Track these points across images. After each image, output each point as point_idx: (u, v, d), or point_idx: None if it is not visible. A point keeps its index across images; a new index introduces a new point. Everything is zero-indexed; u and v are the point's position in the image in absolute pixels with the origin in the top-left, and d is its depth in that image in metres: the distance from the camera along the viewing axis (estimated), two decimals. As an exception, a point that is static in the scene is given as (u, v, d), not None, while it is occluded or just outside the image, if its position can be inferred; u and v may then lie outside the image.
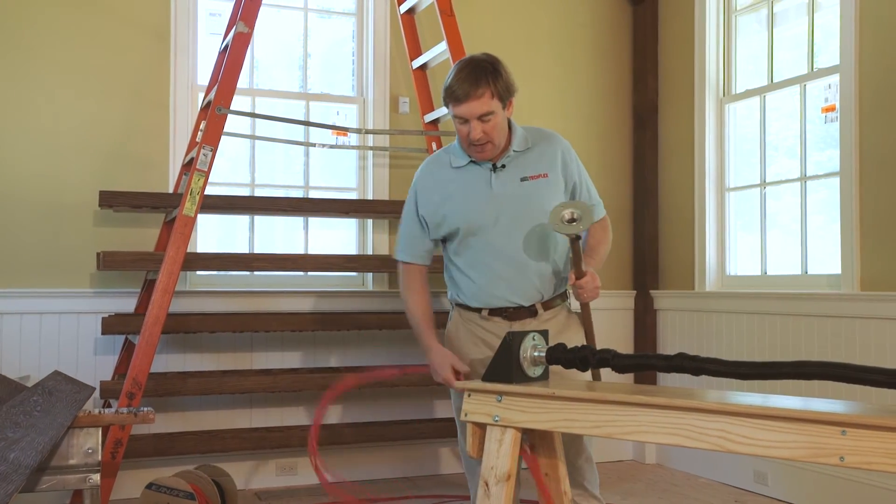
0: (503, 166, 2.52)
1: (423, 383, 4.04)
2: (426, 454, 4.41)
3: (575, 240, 2.36)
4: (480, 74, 2.40)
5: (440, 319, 4.03)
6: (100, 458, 2.24)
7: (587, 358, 1.93)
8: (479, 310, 2.56)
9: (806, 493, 3.83)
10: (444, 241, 2.63)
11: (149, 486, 3.17)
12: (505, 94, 2.43)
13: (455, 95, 2.41)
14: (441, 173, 2.60)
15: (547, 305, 2.55)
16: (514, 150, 2.52)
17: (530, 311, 2.52)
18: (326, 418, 4.26)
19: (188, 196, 3.47)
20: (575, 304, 2.64)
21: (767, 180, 4.30)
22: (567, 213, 2.30)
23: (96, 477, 2.21)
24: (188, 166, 3.86)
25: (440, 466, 4.46)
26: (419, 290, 2.65)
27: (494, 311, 2.54)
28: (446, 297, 2.76)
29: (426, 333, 2.59)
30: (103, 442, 3.25)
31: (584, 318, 2.60)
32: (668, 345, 4.72)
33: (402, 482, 4.31)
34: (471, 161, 2.54)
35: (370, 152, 4.45)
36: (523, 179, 2.51)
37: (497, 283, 2.52)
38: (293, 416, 4.22)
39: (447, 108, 2.48)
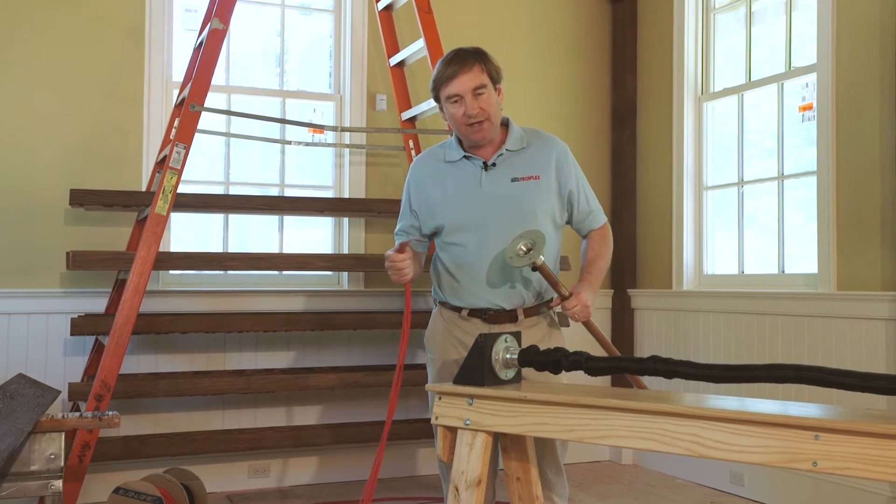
0: (494, 165, 2.49)
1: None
2: (402, 455, 4.38)
3: (541, 267, 2.34)
4: (467, 55, 2.46)
5: (422, 319, 4.01)
6: (62, 463, 2.18)
7: (560, 361, 1.89)
8: (459, 309, 2.53)
9: (781, 494, 3.83)
10: (433, 236, 2.60)
11: (116, 491, 3.11)
12: (494, 74, 2.47)
13: (445, 76, 2.44)
14: (434, 167, 2.57)
15: (529, 312, 2.50)
16: (507, 150, 2.50)
17: (510, 316, 2.48)
18: (301, 419, 4.22)
19: (160, 194, 3.41)
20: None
21: (745, 179, 4.29)
22: (522, 247, 2.32)
23: (58, 483, 2.15)
24: (161, 164, 3.80)
25: (416, 468, 4.42)
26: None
27: (474, 312, 2.50)
28: (430, 295, 2.73)
29: None
30: (70, 446, 3.21)
31: (593, 334, 2.58)
32: (646, 344, 4.71)
33: (378, 484, 4.26)
34: (464, 157, 2.51)
35: (347, 150, 4.41)
36: (514, 180, 2.47)
37: (479, 284, 2.48)
38: (267, 417, 4.17)
39: (438, 98, 2.48)
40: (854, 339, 3.54)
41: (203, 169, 4.29)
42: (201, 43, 3.66)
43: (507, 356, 1.95)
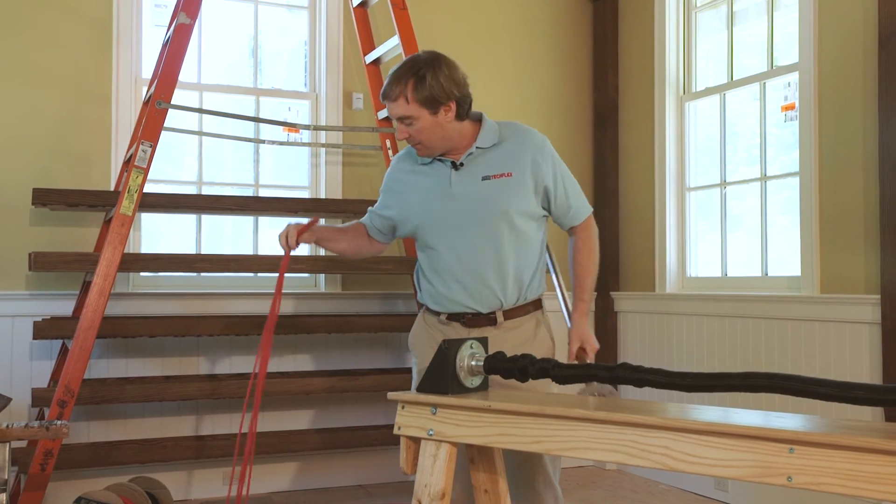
0: (462, 165, 2.39)
1: (375, 388, 3.91)
2: (380, 461, 4.28)
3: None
4: (402, 76, 2.32)
5: (398, 322, 3.92)
6: (6, 476, 2.08)
7: (526, 368, 1.81)
8: (438, 313, 2.45)
9: (766, 500, 3.76)
10: (415, 239, 2.54)
11: (77, 501, 3.01)
12: (428, 101, 2.29)
13: (383, 92, 2.37)
14: (410, 167, 2.50)
15: (509, 314, 2.41)
16: (477, 147, 2.39)
17: (489, 319, 2.39)
18: (274, 426, 4.11)
19: (125, 194, 3.32)
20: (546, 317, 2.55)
21: (728, 180, 4.22)
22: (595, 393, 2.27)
23: (1, 497, 2.05)
24: (129, 163, 3.70)
25: (396, 473, 4.33)
26: (359, 229, 2.64)
27: (452, 316, 2.42)
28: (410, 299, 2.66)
29: None
30: (33, 452, 3.11)
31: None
32: (629, 347, 4.64)
33: (356, 490, 4.18)
34: (436, 159, 2.43)
35: (323, 150, 4.32)
36: (484, 178, 2.38)
37: (453, 287, 2.40)
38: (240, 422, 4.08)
39: None
40: (837, 342, 3.47)
41: (175, 168, 4.19)
42: (169, 38, 3.57)
43: (473, 363, 1.86)
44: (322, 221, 2.61)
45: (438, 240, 2.41)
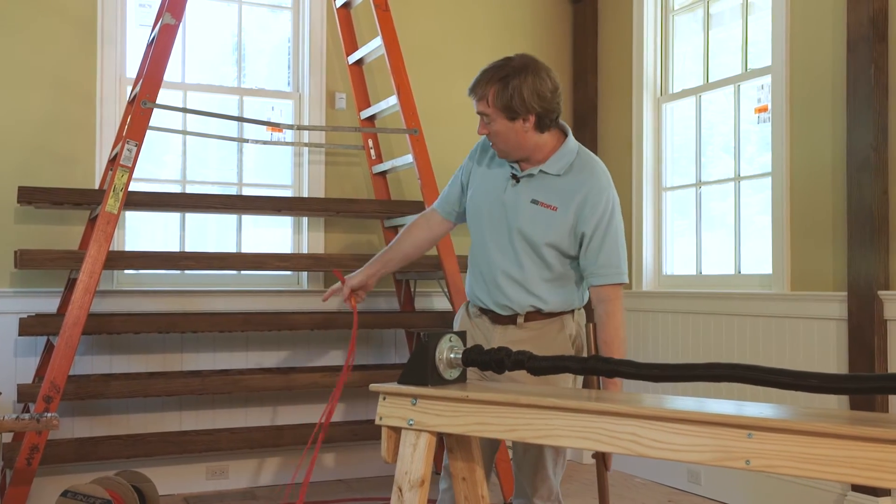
0: (518, 181, 2.41)
1: (357, 384, 3.97)
2: (360, 456, 4.35)
3: None
4: (490, 79, 2.31)
5: (386, 320, 3.96)
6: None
7: (503, 360, 1.88)
8: (472, 305, 2.54)
9: (738, 492, 3.86)
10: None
11: (64, 494, 3.05)
12: (506, 109, 2.28)
13: (471, 87, 2.37)
14: (487, 155, 2.53)
15: (531, 317, 2.42)
16: (541, 170, 2.38)
17: (511, 319, 2.43)
18: (256, 421, 4.17)
19: (111, 192, 3.36)
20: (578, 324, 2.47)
21: (704, 180, 4.32)
22: None
23: (-7, 486, 2.09)
24: (114, 162, 3.74)
25: (376, 468, 4.39)
26: (410, 229, 2.65)
27: (483, 311, 2.50)
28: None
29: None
30: (19, 447, 3.15)
31: None
32: (606, 344, 4.72)
33: (336, 484, 4.24)
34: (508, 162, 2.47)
35: (306, 149, 4.37)
36: (533, 202, 2.38)
37: (480, 282, 2.48)
38: (225, 418, 4.13)
39: None
40: (806, 338, 3.57)
41: (158, 167, 4.23)
42: (154, 38, 3.61)
43: (451, 356, 1.93)
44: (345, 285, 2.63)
45: (478, 233, 2.48)
